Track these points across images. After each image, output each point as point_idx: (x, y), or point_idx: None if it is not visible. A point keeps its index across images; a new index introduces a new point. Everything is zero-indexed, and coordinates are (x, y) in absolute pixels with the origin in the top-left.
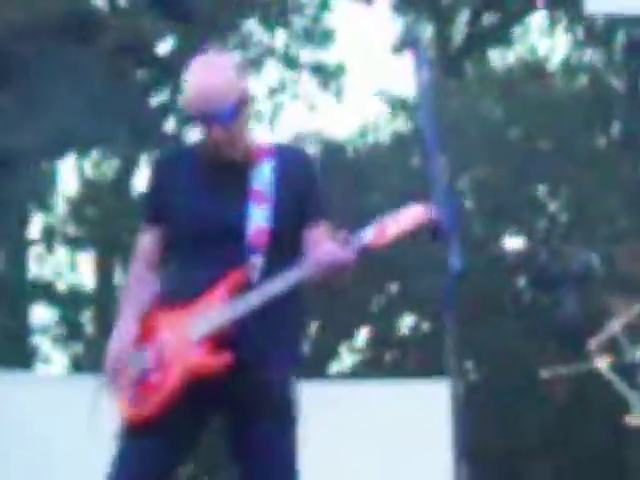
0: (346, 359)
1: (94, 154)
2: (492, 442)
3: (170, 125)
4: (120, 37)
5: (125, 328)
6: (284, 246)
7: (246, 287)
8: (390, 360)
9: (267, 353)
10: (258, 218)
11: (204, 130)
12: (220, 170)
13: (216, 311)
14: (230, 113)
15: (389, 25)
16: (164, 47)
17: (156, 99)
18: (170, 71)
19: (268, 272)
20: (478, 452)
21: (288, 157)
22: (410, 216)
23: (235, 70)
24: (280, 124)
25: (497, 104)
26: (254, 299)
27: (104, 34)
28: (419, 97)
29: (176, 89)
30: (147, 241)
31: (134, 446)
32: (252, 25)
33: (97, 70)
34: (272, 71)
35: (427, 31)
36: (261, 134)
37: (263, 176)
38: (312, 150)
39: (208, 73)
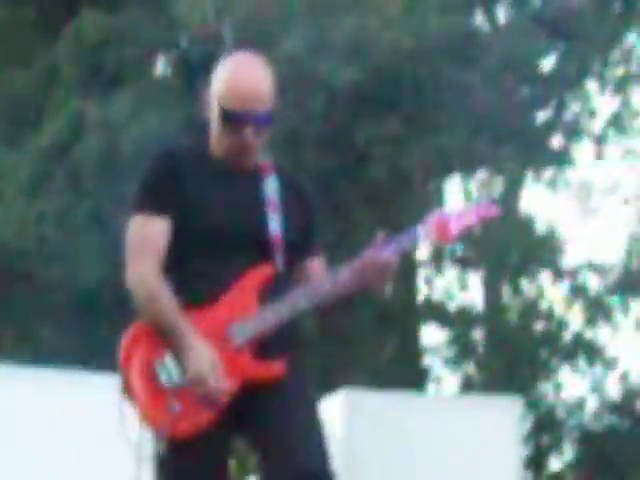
0: None
1: (479, 173)
2: None
3: (555, 141)
4: (503, 56)
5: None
6: (290, 260)
7: (274, 289)
8: None
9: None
10: (274, 226)
11: (235, 130)
12: (231, 175)
13: (257, 314)
14: (270, 117)
15: None
16: (547, 64)
17: (541, 115)
18: (553, 88)
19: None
20: None
21: (293, 180)
22: (476, 212)
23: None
24: None
25: None
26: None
27: (487, 53)
28: None
29: (561, 105)
30: (158, 232)
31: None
32: (634, 38)
33: (482, 89)
34: None
35: None
36: None
37: (272, 189)
38: None
39: (261, 72)
